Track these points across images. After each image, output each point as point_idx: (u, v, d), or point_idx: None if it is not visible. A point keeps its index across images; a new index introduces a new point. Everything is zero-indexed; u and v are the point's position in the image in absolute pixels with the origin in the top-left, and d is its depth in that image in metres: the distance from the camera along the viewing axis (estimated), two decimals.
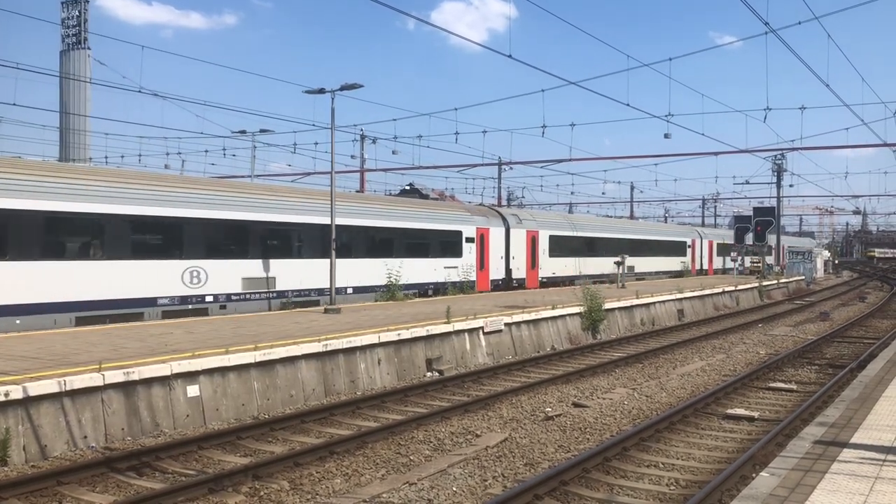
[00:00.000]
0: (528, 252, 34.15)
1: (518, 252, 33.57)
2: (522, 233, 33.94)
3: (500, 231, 32.53)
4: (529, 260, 34.12)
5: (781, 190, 55.90)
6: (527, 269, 33.94)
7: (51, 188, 16.87)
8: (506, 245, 32.81)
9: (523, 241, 33.88)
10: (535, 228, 34.90)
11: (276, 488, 8.51)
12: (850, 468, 7.06)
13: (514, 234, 33.34)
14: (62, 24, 70.86)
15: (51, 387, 9.74)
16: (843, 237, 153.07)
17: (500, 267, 32.43)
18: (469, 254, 30.38)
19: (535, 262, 34.38)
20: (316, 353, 13.67)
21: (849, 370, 15.83)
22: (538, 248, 34.76)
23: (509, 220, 33.29)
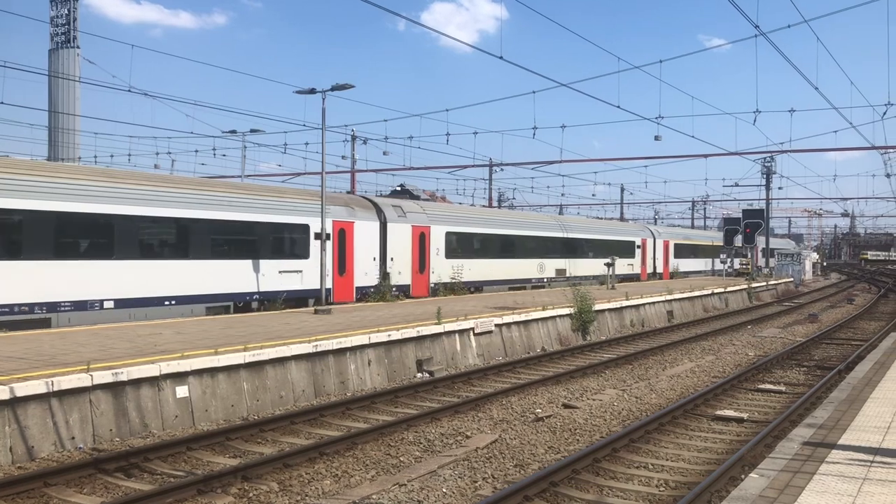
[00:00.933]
0: (415, 252, 27.75)
1: (399, 252, 27.04)
2: (406, 228, 27.39)
3: (370, 226, 25.88)
4: (416, 262, 27.77)
5: (770, 192, 56.19)
6: (412, 274, 27.53)
7: None
8: (381, 243, 26.34)
9: (407, 238, 27.38)
10: (426, 223, 28.49)
11: (265, 489, 8.48)
12: (838, 469, 7.09)
13: (393, 229, 26.75)
14: (51, 23, 70.56)
15: (38, 387, 9.68)
16: (832, 239, 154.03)
17: (371, 271, 25.84)
18: (321, 254, 22.76)
19: (426, 264, 27.96)
20: (306, 353, 13.63)
21: (837, 372, 15.92)
22: (429, 248, 28.46)
23: (386, 213, 26.82)
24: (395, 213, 27.38)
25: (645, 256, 48.13)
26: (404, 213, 27.88)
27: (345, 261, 24.73)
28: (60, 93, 68.38)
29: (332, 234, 23.90)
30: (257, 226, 21.86)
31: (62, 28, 70.35)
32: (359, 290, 25.31)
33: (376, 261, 26.16)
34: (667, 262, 51.96)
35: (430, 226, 28.79)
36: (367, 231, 25.78)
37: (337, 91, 20.89)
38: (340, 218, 24.82)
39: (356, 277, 25.17)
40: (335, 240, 24.17)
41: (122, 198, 18.47)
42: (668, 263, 52.09)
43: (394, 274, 26.59)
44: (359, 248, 25.33)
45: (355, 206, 25.98)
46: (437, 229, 29.11)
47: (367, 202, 27.25)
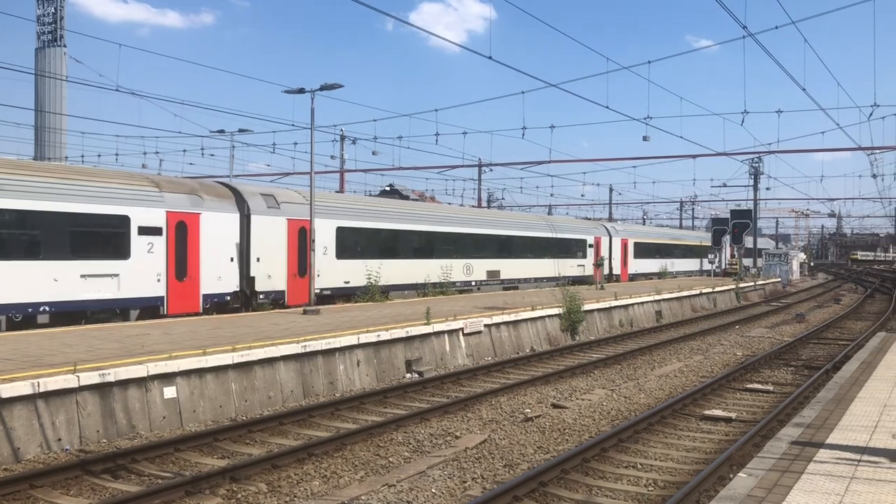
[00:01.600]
0: (293, 251, 23.32)
1: (271, 252, 22.55)
2: (279, 223, 22.94)
3: (226, 219, 21.39)
4: (294, 263, 23.39)
5: (758, 193, 56.48)
6: (288, 278, 23.09)
7: None
8: (243, 241, 21.90)
9: (281, 234, 22.97)
10: (308, 217, 23.17)
11: (253, 490, 8.45)
12: (826, 468, 7.13)
13: (260, 223, 22.31)
14: (38, 21, 70.11)
15: (24, 388, 9.60)
16: (819, 240, 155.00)
17: (227, 274, 21.31)
18: (149, 254, 19.28)
19: (308, 266, 22.92)
20: (294, 354, 13.59)
21: (824, 371, 16.01)
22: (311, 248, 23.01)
23: (251, 203, 22.25)
24: (265, 204, 22.74)
25: (598, 255, 43.07)
26: (277, 203, 23.17)
27: (186, 262, 19.94)
28: (47, 92, 67.97)
29: (167, 229, 19.65)
30: (47, 216, 17.18)
31: (49, 27, 69.92)
32: (208, 299, 20.62)
33: (234, 262, 21.52)
34: (625, 263, 47.29)
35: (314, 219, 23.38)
36: (221, 225, 21.12)
37: (326, 91, 20.86)
38: (179, 208, 20.08)
39: (203, 283, 20.46)
40: (171, 235, 19.73)
41: None
42: (626, 264, 47.44)
43: (261, 278, 22.17)
44: (207, 245, 20.63)
45: (205, 194, 21.15)
46: (324, 224, 24.35)
47: (224, 189, 22.40)
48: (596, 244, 43.36)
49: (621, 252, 46.81)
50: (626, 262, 47.52)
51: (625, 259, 47.28)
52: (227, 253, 21.42)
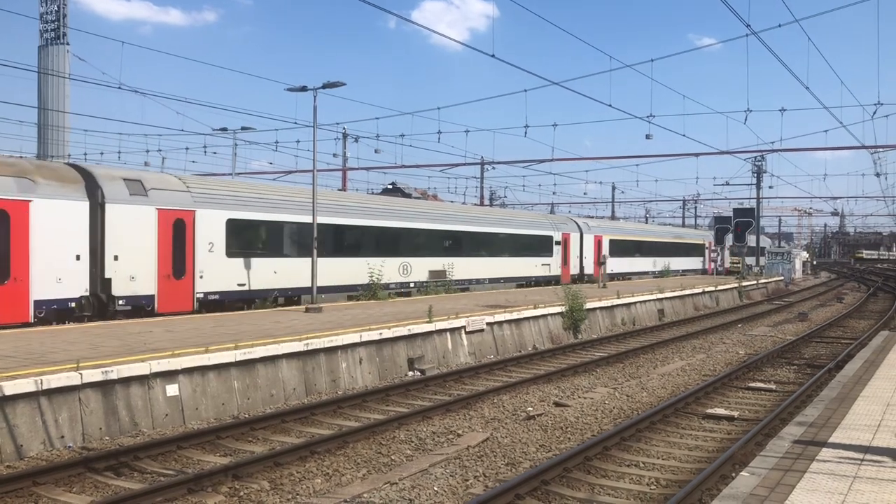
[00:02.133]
0: (165, 248, 19.14)
1: (134, 249, 18.53)
2: (146, 213, 18.77)
3: (70, 208, 17.52)
4: (168, 262, 19.21)
5: (761, 191, 56.37)
6: (159, 280, 18.93)
7: None
8: (96, 235, 18.01)
9: (150, 227, 18.83)
10: (188, 206, 19.84)
11: (256, 488, 8.45)
12: (829, 467, 7.11)
13: (118, 214, 18.29)
14: (41, 19, 70.16)
15: (27, 386, 9.61)
16: (822, 238, 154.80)
17: (72, 276, 17.42)
18: None
19: (186, 266, 19.59)
20: (297, 352, 13.59)
21: (827, 370, 15.99)
22: (193, 243, 19.78)
23: (107, 190, 18.24)
24: (126, 190, 18.66)
25: (568, 255, 39.55)
26: (145, 189, 19.05)
27: (7, 261, 16.27)
28: (50, 90, 68.02)
29: None
30: None
31: (52, 24, 69.96)
32: (42, 306, 16.81)
33: (84, 260, 17.71)
34: (598, 262, 42.40)
35: (195, 210, 19.92)
36: (62, 215, 17.28)
37: (328, 89, 20.85)
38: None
39: (35, 286, 16.62)
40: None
41: None
42: (600, 264, 42.64)
43: (120, 280, 18.24)
44: (41, 240, 16.81)
45: (39, 178, 17.26)
46: (209, 215, 20.41)
47: (69, 172, 18.40)
48: (564, 241, 39.29)
49: (594, 250, 42.77)
50: (599, 262, 42.94)
51: (598, 258, 42.86)
52: (72, 249, 17.49)
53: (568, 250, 39.66)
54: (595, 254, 42.49)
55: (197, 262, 19.74)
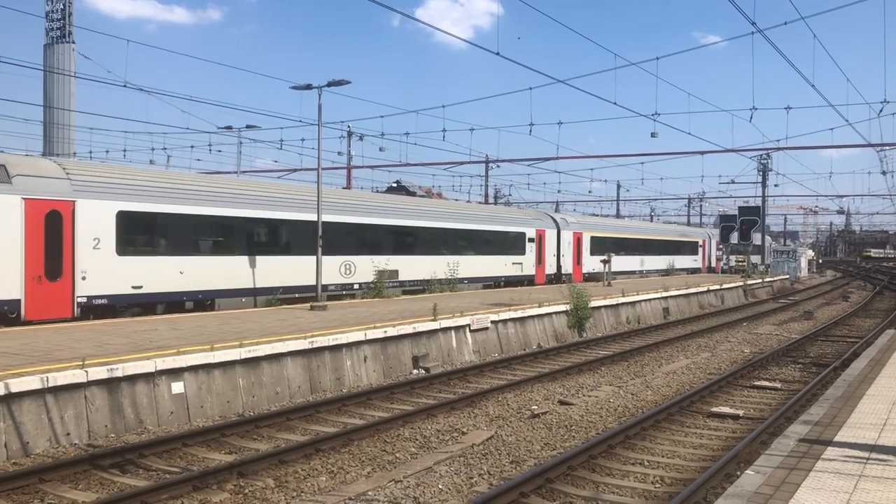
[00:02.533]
0: (35, 245, 16.42)
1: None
2: (12, 204, 16.08)
3: None
4: (39, 262, 16.45)
5: (766, 189, 56.23)
6: (28, 282, 16.18)
7: None
8: None
9: (15, 221, 16.09)
10: (67, 197, 17.10)
11: (261, 486, 8.47)
12: (834, 466, 7.10)
13: None
14: (46, 18, 70.22)
15: (33, 383, 9.65)
16: (827, 237, 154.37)
17: None
18: None
19: (63, 266, 16.85)
20: (302, 350, 13.61)
21: (832, 369, 15.95)
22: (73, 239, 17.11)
23: None
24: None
25: (543, 253, 36.33)
26: (9, 175, 16.28)
27: None
28: (55, 88, 68.12)
29: None
30: None
31: (57, 23, 70.06)
32: None
33: None
34: (577, 261, 39.56)
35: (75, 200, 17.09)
36: None
37: (333, 87, 20.84)
38: None
39: None
40: None
41: None
42: (580, 262, 39.82)
43: None
44: None
45: None
46: (95, 207, 17.63)
47: None
48: (539, 238, 35.91)
49: (573, 248, 39.15)
50: (579, 260, 39.77)
51: (578, 256, 39.57)
52: None
53: (543, 248, 36.27)
54: (574, 252, 39.19)
55: (78, 262, 17.06)
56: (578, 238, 39.84)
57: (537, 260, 35.89)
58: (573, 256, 39.22)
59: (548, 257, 36.96)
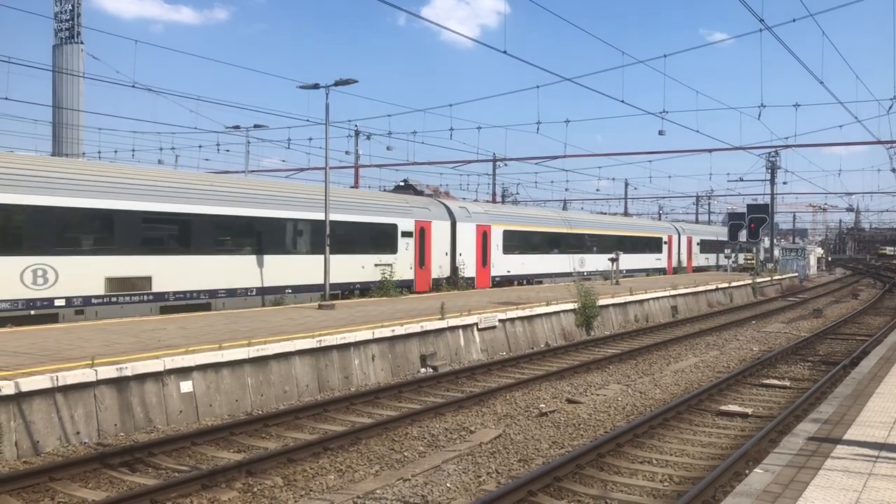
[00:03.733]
0: None
1: None
2: None
3: None
4: None
5: (775, 187, 56.02)
6: None
7: None
8: None
9: None
10: None
11: (269, 484, 8.49)
12: (843, 464, 7.07)
13: None
14: (55, 18, 70.55)
15: (43, 382, 9.70)
16: (836, 234, 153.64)
17: None
18: None
19: None
20: (310, 348, 13.64)
21: (842, 367, 15.88)
22: None
23: None
24: None
25: (428, 251, 28.76)
26: None
27: None
28: (64, 88, 68.42)
29: None
30: None
31: (66, 24, 70.35)
32: None
33: None
34: (484, 263, 31.92)
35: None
36: None
37: (340, 86, 20.88)
38: None
39: None
40: None
41: None
42: (488, 262, 32.24)
43: None
44: None
45: None
46: None
47: None
48: (421, 232, 28.36)
49: (478, 244, 31.61)
50: (486, 260, 32.10)
51: (483, 255, 31.89)
52: None
53: (427, 245, 28.74)
54: (479, 250, 31.59)
55: None
56: (485, 232, 31.93)
57: (418, 260, 28.07)
58: (478, 255, 31.50)
59: (435, 256, 29.03)
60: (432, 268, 29.01)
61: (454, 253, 30.22)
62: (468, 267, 30.94)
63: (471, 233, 31.23)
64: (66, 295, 17.27)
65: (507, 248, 33.45)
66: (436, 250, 29.15)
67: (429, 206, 29.90)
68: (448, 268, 30.03)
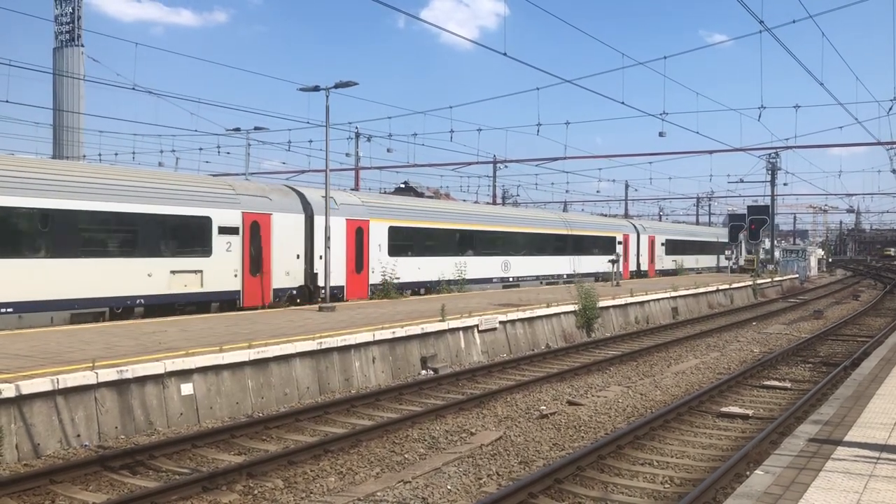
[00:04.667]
0: None
1: None
2: None
3: None
4: None
5: (775, 188, 56.04)
6: None
7: None
8: None
9: None
10: None
11: (270, 487, 8.49)
12: (844, 466, 7.07)
13: None
14: (56, 21, 70.67)
15: (44, 385, 9.70)
16: (837, 235, 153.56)
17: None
18: None
19: None
20: (310, 351, 13.64)
21: (843, 368, 15.87)
22: None
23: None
24: None
25: (266, 255, 21.75)
26: None
27: None
28: (65, 91, 68.51)
29: None
30: None
31: (66, 26, 70.46)
32: None
33: None
34: (358, 268, 24.68)
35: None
36: None
37: (340, 88, 20.89)
38: None
39: None
40: None
41: None
42: (365, 267, 24.97)
43: None
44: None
45: None
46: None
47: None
48: (253, 229, 21.31)
49: (349, 245, 24.34)
50: (360, 265, 24.79)
51: (357, 259, 24.68)
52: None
53: (266, 246, 21.74)
54: (351, 251, 24.35)
55: None
56: (361, 229, 24.87)
57: (251, 266, 21.23)
58: (350, 258, 24.35)
59: (277, 260, 22.07)
60: (273, 275, 21.91)
61: (310, 256, 22.88)
62: (339, 273, 23.52)
63: (341, 228, 23.78)
64: None
65: (395, 249, 26.23)
66: (280, 251, 22.15)
67: (269, 193, 22.71)
68: (301, 274, 22.89)
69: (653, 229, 49.39)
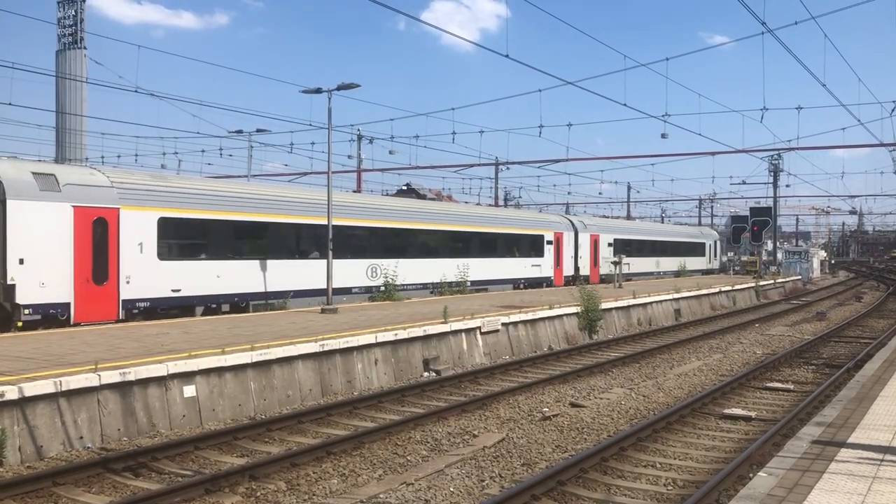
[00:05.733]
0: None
1: None
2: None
3: None
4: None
5: (778, 190, 55.97)
6: None
7: None
8: None
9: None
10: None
11: (272, 489, 8.49)
12: (847, 468, 7.05)
13: None
14: (58, 24, 70.84)
15: (47, 387, 9.71)
16: (840, 237, 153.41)
17: None
18: None
19: None
20: (313, 353, 13.64)
21: (846, 370, 15.84)
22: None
23: None
24: None
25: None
26: None
27: None
28: (68, 93, 68.65)
29: None
30: None
31: (69, 29, 70.62)
32: None
33: None
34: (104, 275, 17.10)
35: None
36: None
37: (343, 90, 20.88)
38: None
39: None
40: None
41: None
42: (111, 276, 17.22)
43: None
44: None
45: None
46: None
47: None
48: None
49: (76, 243, 16.91)
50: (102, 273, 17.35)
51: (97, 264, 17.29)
52: None
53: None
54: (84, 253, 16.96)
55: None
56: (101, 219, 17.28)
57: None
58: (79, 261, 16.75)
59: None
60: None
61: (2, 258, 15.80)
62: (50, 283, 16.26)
63: (59, 221, 16.56)
64: None
65: (173, 251, 19.20)
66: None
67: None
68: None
69: (597, 227, 42.08)
